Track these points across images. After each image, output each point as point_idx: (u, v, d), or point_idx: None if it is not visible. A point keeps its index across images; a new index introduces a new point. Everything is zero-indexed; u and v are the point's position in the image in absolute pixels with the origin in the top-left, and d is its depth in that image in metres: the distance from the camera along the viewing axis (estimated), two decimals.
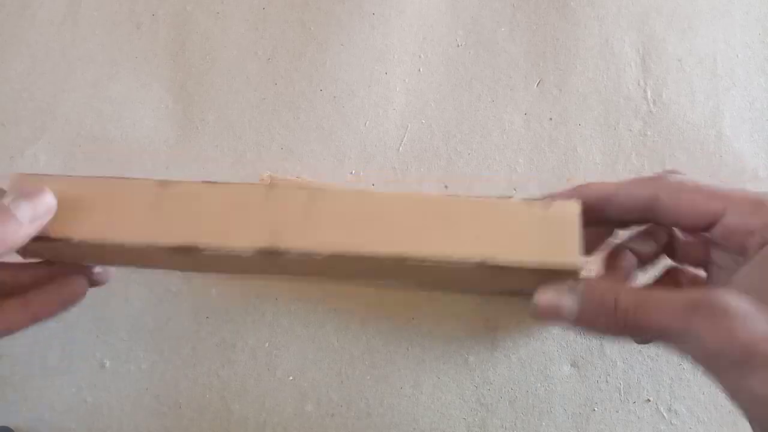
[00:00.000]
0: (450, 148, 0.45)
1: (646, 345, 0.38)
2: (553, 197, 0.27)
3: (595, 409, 0.38)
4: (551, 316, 0.22)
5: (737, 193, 0.22)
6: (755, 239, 0.20)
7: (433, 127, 0.46)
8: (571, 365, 0.38)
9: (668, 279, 0.29)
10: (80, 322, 0.40)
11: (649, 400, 0.37)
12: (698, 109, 0.46)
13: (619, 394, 0.38)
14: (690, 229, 0.24)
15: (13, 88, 0.48)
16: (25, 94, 0.48)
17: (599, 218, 0.25)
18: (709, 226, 0.22)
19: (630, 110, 0.45)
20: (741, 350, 0.18)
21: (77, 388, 0.39)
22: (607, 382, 0.38)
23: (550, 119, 0.45)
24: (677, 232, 0.27)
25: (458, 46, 0.49)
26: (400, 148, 0.45)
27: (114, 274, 0.35)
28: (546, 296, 0.22)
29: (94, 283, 0.34)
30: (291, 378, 0.39)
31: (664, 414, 0.37)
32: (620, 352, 0.38)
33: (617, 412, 0.37)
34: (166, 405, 0.38)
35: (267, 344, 0.40)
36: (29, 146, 0.46)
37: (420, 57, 0.48)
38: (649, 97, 0.46)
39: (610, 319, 0.20)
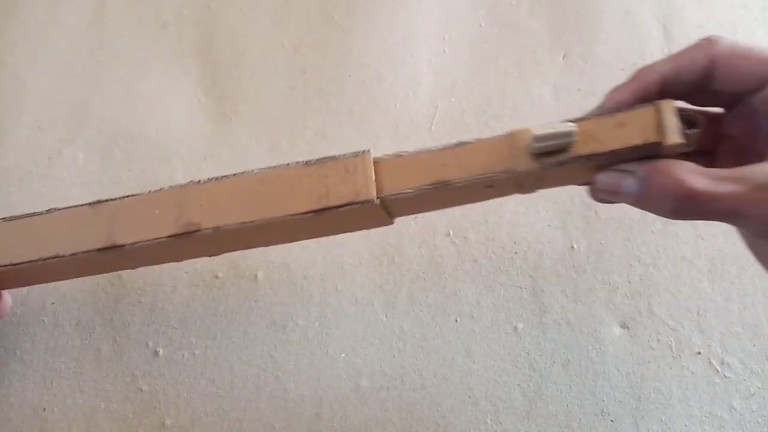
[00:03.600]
0: (482, 124, 0.45)
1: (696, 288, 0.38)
2: (617, 89, 0.28)
3: (649, 367, 0.38)
4: (610, 194, 0.23)
5: None
6: None
7: (464, 105, 0.46)
8: (621, 326, 0.39)
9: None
10: (131, 313, 0.41)
11: (700, 353, 0.38)
12: None
13: (671, 351, 0.38)
14: (736, 95, 0.23)
15: (46, 92, 0.49)
16: (59, 97, 0.49)
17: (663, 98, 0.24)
18: (756, 90, 0.21)
19: None
20: None
21: (132, 377, 0.39)
22: (658, 340, 0.38)
23: (579, 90, 0.46)
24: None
25: (480, 25, 0.49)
26: (432, 127, 0.46)
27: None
28: (606, 177, 0.23)
29: None
30: (343, 355, 0.39)
31: (717, 368, 0.37)
32: (668, 311, 0.39)
33: (670, 368, 0.38)
34: (222, 388, 0.39)
35: (317, 324, 0.40)
36: (67, 146, 0.46)
37: (444, 38, 0.49)
38: None
39: (675, 203, 0.20)
